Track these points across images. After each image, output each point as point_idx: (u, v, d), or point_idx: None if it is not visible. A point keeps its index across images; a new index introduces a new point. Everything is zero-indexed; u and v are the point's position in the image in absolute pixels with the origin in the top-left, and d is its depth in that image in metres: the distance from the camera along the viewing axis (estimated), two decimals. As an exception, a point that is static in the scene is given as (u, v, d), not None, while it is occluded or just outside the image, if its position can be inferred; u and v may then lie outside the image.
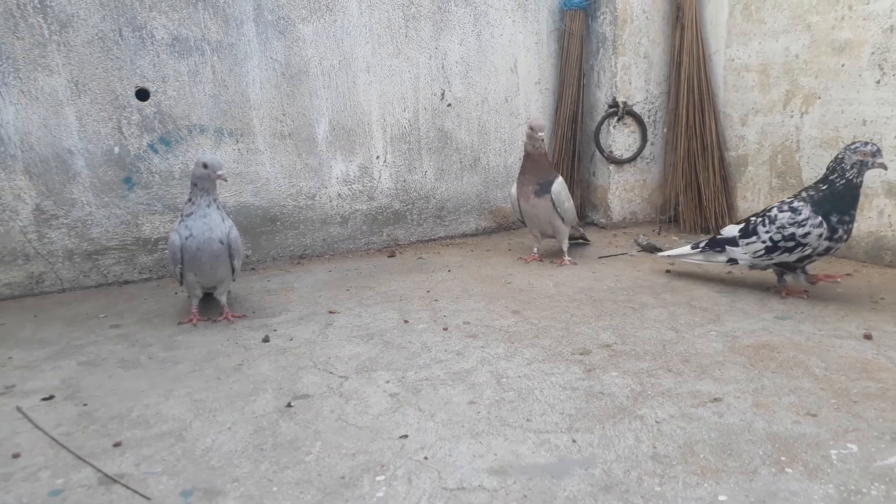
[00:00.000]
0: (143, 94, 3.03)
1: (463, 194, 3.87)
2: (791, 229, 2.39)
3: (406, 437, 1.57)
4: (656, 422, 1.61)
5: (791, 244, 2.41)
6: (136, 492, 1.37)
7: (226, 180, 2.43)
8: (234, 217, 3.25)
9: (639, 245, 3.42)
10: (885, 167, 2.31)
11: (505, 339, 2.22)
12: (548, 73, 3.94)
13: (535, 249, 3.30)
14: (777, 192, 3.38)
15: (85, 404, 1.81)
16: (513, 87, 3.86)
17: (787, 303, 2.48)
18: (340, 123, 3.45)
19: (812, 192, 2.42)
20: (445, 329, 2.33)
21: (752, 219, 2.57)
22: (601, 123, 3.82)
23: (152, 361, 2.13)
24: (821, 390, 1.75)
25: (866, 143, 2.31)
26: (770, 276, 2.68)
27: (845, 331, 2.16)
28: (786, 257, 2.46)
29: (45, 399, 1.85)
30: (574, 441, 1.53)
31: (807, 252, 2.40)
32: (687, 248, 2.82)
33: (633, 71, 3.76)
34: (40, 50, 2.80)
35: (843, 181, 2.34)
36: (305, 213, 3.46)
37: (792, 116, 3.24)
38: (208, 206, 2.41)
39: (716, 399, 1.72)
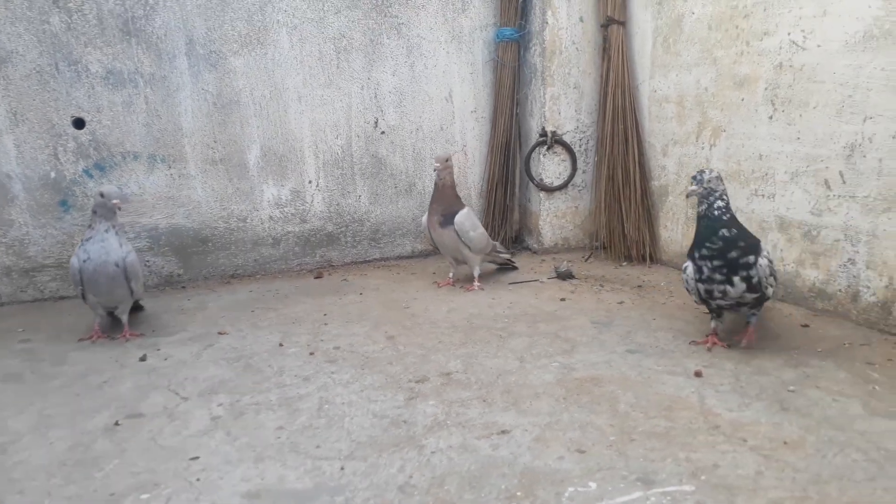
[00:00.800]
0: (79, 123, 3.26)
1: (398, 218, 4.00)
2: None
3: (197, 458, 1.71)
4: (432, 452, 1.71)
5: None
6: (-70, 500, 1.54)
7: (120, 209, 2.62)
8: (165, 238, 3.47)
9: (557, 272, 3.49)
10: (694, 195, 2.24)
11: (360, 364, 2.33)
12: (484, 103, 4.05)
13: (451, 274, 3.41)
14: (692, 223, 3.40)
15: (-57, 416, 2.00)
16: (448, 115, 3.98)
17: (653, 337, 2.53)
18: (272, 150, 3.63)
19: None
20: (312, 353, 2.46)
21: None
22: (531, 152, 3.91)
23: (34, 376, 2.32)
24: (610, 427, 1.82)
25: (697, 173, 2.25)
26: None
27: (683, 367, 2.21)
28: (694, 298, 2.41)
29: (-89, 410, 2.05)
30: (342, 469, 1.64)
31: (694, 297, 2.37)
32: None
33: (562, 101, 3.84)
34: (-20, 84, 3.05)
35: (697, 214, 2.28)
36: (237, 234, 3.64)
37: (703, 148, 3.28)
38: (106, 231, 2.60)
39: (503, 431, 1.80)
